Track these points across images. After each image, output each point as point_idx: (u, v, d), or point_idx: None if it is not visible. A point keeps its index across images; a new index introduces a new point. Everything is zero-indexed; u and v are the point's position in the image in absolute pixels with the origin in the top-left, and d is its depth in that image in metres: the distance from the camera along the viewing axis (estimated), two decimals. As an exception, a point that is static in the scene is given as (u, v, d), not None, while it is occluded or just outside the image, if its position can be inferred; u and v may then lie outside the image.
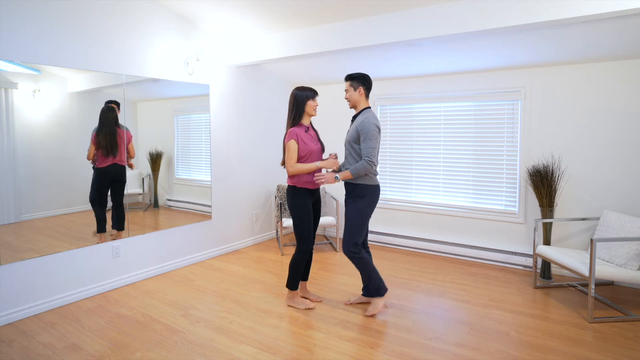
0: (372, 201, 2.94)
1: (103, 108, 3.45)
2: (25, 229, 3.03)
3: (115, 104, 3.51)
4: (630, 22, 2.89)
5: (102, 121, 3.44)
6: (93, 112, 3.38)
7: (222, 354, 2.52)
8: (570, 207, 3.82)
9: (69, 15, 3.17)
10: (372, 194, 2.93)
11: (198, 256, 4.31)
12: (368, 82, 2.96)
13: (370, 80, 2.98)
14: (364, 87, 2.94)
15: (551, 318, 2.99)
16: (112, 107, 3.48)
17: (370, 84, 2.98)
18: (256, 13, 3.67)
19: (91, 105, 3.36)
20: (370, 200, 2.93)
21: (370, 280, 2.98)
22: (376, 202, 2.98)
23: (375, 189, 2.95)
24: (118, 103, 3.53)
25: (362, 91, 2.93)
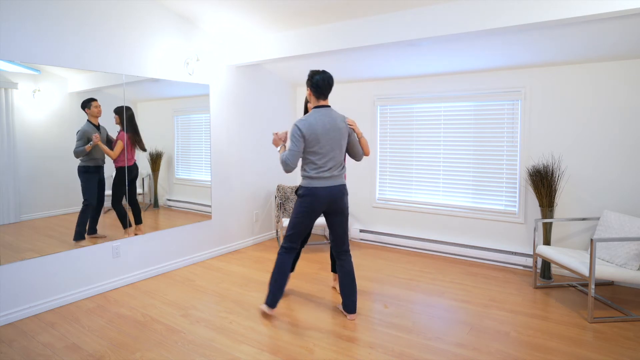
0: (305, 204, 2.83)
1: (120, 108, 3.55)
2: (25, 229, 3.03)
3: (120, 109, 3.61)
4: (630, 22, 2.90)
5: (129, 120, 3.60)
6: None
7: (222, 354, 2.52)
8: (570, 207, 3.82)
9: (69, 15, 3.17)
10: (306, 196, 2.82)
11: (198, 256, 4.31)
12: (311, 81, 2.81)
13: (314, 78, 2.80)
14: (311, 87, 2.84)
15: (551, 318, 2.99)
16: (129, 107, 3.60)
17: (322, 83, 2.79)
18: (256, 13, 3.67)
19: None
20: (304, 202, 2.83)
21: (269, 285, 2.96)
22: (311, 204, 2.82)
23: (309, 191, 2.80)
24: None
25: (309, 91, 2.86)
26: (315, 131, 2.75)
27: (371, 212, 5.02)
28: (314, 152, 2.79)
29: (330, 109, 2.86)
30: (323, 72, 2.83)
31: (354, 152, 2.98)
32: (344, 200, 2.89)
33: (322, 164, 2.80)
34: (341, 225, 2.94)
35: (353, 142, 2.94)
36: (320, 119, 2.78)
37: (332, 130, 2.79)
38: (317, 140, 2.76)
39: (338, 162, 2.85)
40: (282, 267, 2.93)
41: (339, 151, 2.84)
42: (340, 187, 2.86)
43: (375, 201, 4.97)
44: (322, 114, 2.80)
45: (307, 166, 2.84)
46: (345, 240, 2.98)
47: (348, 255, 2.99)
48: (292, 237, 2.93)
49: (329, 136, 2.79)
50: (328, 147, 2.79)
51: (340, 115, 2.87)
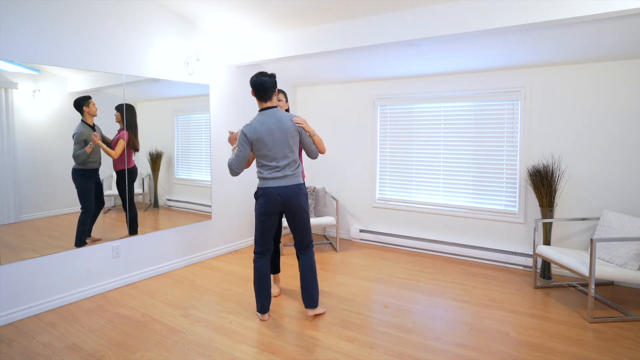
0: (260, 204, 2.86)
1: (122, 106, 3.51)
2: (25, 229, 3.03)
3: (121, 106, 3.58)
4: (630, 22, 2.90)
5: (131, 120, 3.56)
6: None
7: (222, 354, 2.52)
8: (570, 207, 3.82)
9: (69, 15, 3.17)
10: (260, 197, 2.86)
11: (198, 256, 4.31)
12: (253, 85, 2.84)
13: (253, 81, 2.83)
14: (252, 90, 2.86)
15: (551, 318, 2.99)
16: (132, 106, 3.55)
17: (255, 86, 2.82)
18: (256, 13, 3.67)
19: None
20: (259, 203, 2.87)
21: (255, 293, 2.98)
22: (266, 205, 2.84)
23: (262, 192, 2.85)
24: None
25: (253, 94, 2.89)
26: (260, 134, 2.78)
27: (371, 212, 5.02)
28: (263, 155, 2.82)
29: (275, 109, 2.85)
30: (257, 75, 2.83)
31: (307, 151, 2.97)
32: (299, 199, 2.88)
33: (274, 165, 2.83)
34: (300, 224, 2.95)
35: (305, 141, 2.91)
36: (264, 122, 2.80)
37: (277, 131, 2.80)
38: (264, 142, 2.79)
39: (290, 162, 2.85)
40: (260, 273, 2.93)
41: (288, 151, 2.84)
42: (294, 187, 2.87)
43: (375, 201, 4.97)
44: (267, 116, 2.82)
45: (261, 168, 2.88)
46: (305, 237, 2.99)
47: (309, 250, 3.01)
48: (258, 240, 2.95)
49: (275, 137, 2.79)
50: (276, 147, 2.81)
51: (287, 115, 2.87)
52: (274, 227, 2.95)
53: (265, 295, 2.95)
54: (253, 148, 2.83)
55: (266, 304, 2.96)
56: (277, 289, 3.44)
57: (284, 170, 2.84)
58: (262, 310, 2.96)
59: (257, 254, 2.96)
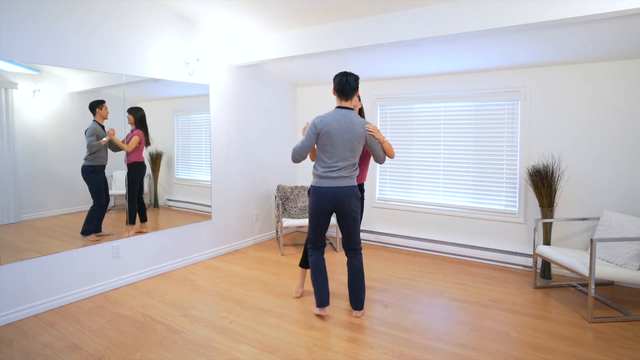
0: (312, 203, 2.92)
1: (134, 109, 3.66)
2: (25, 229, 3.03)
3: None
4: (630, 22, 2.90)
5: (141, 119, 3.73)
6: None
7: (222, 354, 2.52)
8: (570, 207, 3.82)
9: (69, 15, 3.17)
10: (313, 195, 2.92)
11: (198, 256, 4.31)
12: (334, 81, 2.92)
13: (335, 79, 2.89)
14: (334, 88, 2.92)
15: (551, 318, 2.99)
16: (141, 108, 3.73)
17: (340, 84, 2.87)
18: (256, 13, 3.67)
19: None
20: (312, 201, 2.93)
21: (313, 287, 3.01)
22: (317, 204, 2.89)
23: (314, 190, 2.90)
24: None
25: (334, 91, 2.94)
26: (330, 129, 2.81)
27: (371, 212, 5.02)
28: (325, 150, 2.85)
29: (351, 112, 2.89)
30: (343, 74, 2.88)
31: (375, 156, 3.01)
32: (351, 201, 2.89)
33: (332, 163, 2.86)
34: (349, 226, 2.96)
35: (373, 146, 2.94)
36: (337, 119, 2.83)
37: (347, 132, 2.82)
38: (330, 138, 2.82)
39: (349, 164, 2.88)
40: (316, 266, 2.98)
41: (350, 154, 2.87)
42: (347, 189, 2.88)
43: (375, 201, 4.97)
44: (341, 114, 2.86)
45: (317, 163, 2.92)
46: (354, 239, 3.01)
47: (357, 253, 3.03)
48: (310, 236, 3.04)
49: (343, 137, 2.82)
50: (340, 147, 2.83)
51: (360, 120, 2.89)
52: (327, 225, 3.01)
53: (323, 288, 2.95)
54: (318, 140, 2.86)
55: (326, 296, 2.95)
56: (301, 290, 3.39)
57: (339, 171, 2.87)
58: (321, 304, 2.94)
59: (310, 249, 3.03)
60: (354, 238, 3.00)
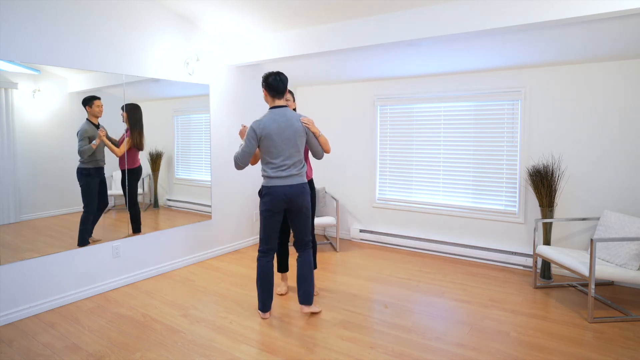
0: (265, 203, 2.87)
1: (129, 105, 3.54)
2: (25, 229, 3.03)
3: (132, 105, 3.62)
4: (630, 22, 2.90)
5: (137, 118, 3.57)
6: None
7: (222, 354, 2.52)
8: (570, 207, 3.82)
9: (69, 15, 3.17)
10: (265, 195, 2.87)
11: (198, 256, 4.31)
12: (266, 82, 2.89)
13: (268, 79, 2.87)
14: (266, 89, 2.90)
15: (551, 318, 2.99)
16: (138, 106, 3.56)
17: (271, 83, 2.86)
18: (256, 13, 3.67)
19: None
20: (264, 201, 2.88)
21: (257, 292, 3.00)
22: (270, 204, 2.86)
23: (267, 190, 2.86)
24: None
25: (265, 92, 2.92)
26: (269, 132, 2.80)
27: (371, 212, 5.02)
28: (270, 152, 2.84)
29: (285, 108, 2.89)
30: (277, 73, 2.89)
31: (313, 151, 3.01)
32: (304, 198, 2.91)
33: (279, 163, 2.85)
34: (301, 222, 2.97)
35: (311, 141, 2.96)
36: (274, 119, 2.82)
37: (286, 130, 2.82)
38: (272, 140, 2.81)
39: (296, 161, 2.88)
40: (263, 271, 2.94)
41: (295, 150, 2.87)
42: (299, 186, 2.89)
43: (375, 201, 4.97)
44: (277, 114, 2.85)
45: (266, 166, 2.89)
46: (305, 234, 3.01)
47: (308, 247, 3.03)
48: (264, 239, 2.96)
49: (284, 136, 2.82)
50: (283, 146, 2.83)
51: (295, 115, 2.90)
52: (279, 226, 2.97)
53: (268, 295, 2.96)
54: (260, 144, 2.85)
55: (268, 303, 2.97)
56: (285, 287, 3.45)
57: (289, 170, 2.86)
58: (264, 309, 2.97)
59: (261, 252, 2.96)
60: (306, 234, 3.01)
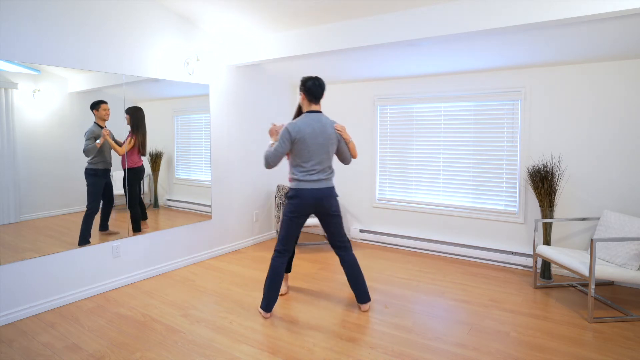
0: (293, 205, 2.89)
1: (132, 108, 3.60)
2: (25, 229, 3.03)
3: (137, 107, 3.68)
4: (630, 22, 2.90)
5: (139, 121, 3.64)
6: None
7: (222, 354, 2.52)
8: (570, 207, 3.82)
9: (69, 15, 3.17)
10: (294, 198, 2.89)
11: (198, 256, 4.31)
12: (305, 86, 2.91)
13: (307, 84, 2.89)
14: (304, 92, 2.92)
15: (551, 318, 2.99)
16: (141, 109, 3.65)
17: (311, 88, 2.88)
18: (256, 13, 3.67)
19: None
20: (292, 204, 2.90)
21: (264, 290, 2.99)
22: (298, 206, 2.88)
23: (297, 193, 2.88)
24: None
25: (303, 96, 2.94)
26: (304, 135, 2.82)
27: (371, 212, 5.02)
28: (302, 156, 2.86)
29: (321, 114, 2.92)
30: (316, 78, 2.92)
31: (342, 157, 3.06)
32: (331, 202, 2.95)
33: (310, 167, 2.87)
34: (332, 225, 3.02)
35: (341, 147, 3.01)
36: (310, 124, 2.84)
37: (320, 136, 2.85)
38: (305, 144, 2.83)
39: (325, 167, 2.92)
40: (276, 271, 2.96)
41: (326, 156, 2.91)
42: (327, 190, 2.93)
43: (375, 201, 4.97)
44: (313, 119, 2.87)
45: (295, 169, 2.91)
46: (339, 237, 3.06)
47: (347, 249, 3.07)
48: (284, 240, 2.98)
49: (317, 141, 2.85)
50: (316, 151, 2.86)
51: (330, 121, 2.93)
52: (300, 229, 3.01)
53: (275, 295, 2.97)
54: (293, 147, 2.86)
55: (272, 303, 2.98)
56: (286, 287, 3.46)
57: (318, 174, 2.89)
58: (267, 309, 2.97)
59: (277, 252, 2.99)
60: (341, 236, 3.06)
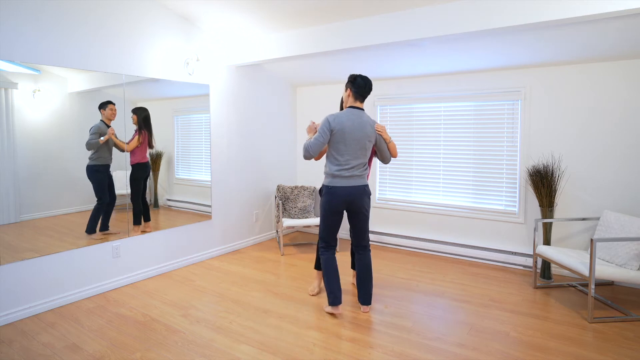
0: (326, 202, 2.94)
1: (138, 109, 3.68)
2: (25, 229, 3.03)
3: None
4: (630, 22, 2.89)
5: (146, 119, 3.74)
6: (93, 112, 3.38)
7: (222, 354, 2.52)
8: (570, 207, 3.82)
9: (69, 15, 3.17)
10: (326, 194, 2.95)
11: (198, 256, 4.31)
12: (353, 82, 2.94)
13: (356, 80, 2.93)
14: (352, 88, 2.94)
15: (551, 318, 2.99)
16: (146, 109, 3.74)
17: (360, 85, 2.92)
18: (256, 13, 3.67)
19: (91, 105, 3.36)
20: (325, 201, 2.95)
21: (325, 287, 3.01)
22: (331, 203, 2.92)
23: (329, 190, 2.93)
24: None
25: (349, 92, 2.97)
26: (343, 128, 2.86)
27: (371, 212, 5.01)
28: (338, 149, 2.90)
29: (362, 112, 2.97)
30: (366, 77, 2.98)
31: (382, 156, 3.11)
32: (364, 200, 2.98)
33: (344, 161, 2.90)
34: (360, 223, 3.05)
35: (380, 147, 3.05)
36: (351, 118, 2.89)
37: (359, 131, 2.89)
38: (343, 137, 2.87)
39: (360, 163, 2.94)
40: (328, 266, 3.00)
41: (362, 153, 2.93)
42: (360, 188, 2.96)
43: (376, 201, 4.97)
44: (354, 114, 2.92)
45: (330, 162, 2.95)
46: (364, 237, 3.10)
47: (367, 250, 3.11)
48: (323, 235, 3.04)
49: (355, 136, 2.88)
50: (352, 146, 2.89)
51: (370, 120, 2.97)
52: (339, 224, 3.05)
53: (335, 286, 2.96)
54: (331, 138, 2.89)
55: (339, 295, 2.96)
56: (317, 289, 3.43)
57: (352, 170, 2.92)
58: (335, 302, 2.95)
59: (322, 248, 3.05)
60: (365, 235, 3.09)
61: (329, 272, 2.99)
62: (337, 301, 2.95)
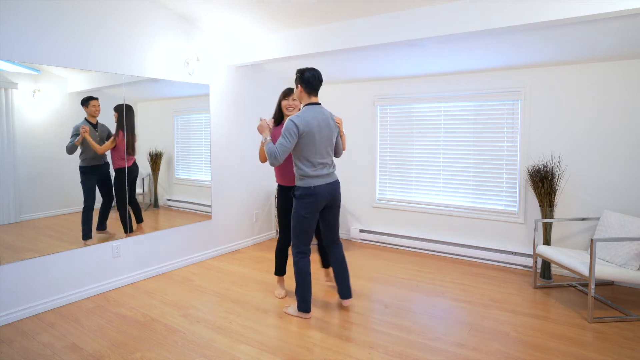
0: (307, 204, 2.79)
1: (120, 106, 3.53)
2: (25, 229, 3.03)
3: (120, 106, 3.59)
4: (630, 22, 2.89)
5: (127, 119, 3.58)
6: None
7: (222, 354, 2.52)
8: (570, 207, 3.82)
9: (69, 15, 3.17)
10: (308, 196, 2.79)
11: (198, 256, 4.31)
12: (302, 78, 2.79)
13: (305, 75, 2.78)
14: (302, 84, 2.82)
15: (551, 318, 2.99)
16: (130, 107, 3.58)
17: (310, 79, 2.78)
18: (256, 13, 3.67)
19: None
20: (307, 203, 2.79)
21: (296, 291, 2.96)
22: (314, 204, 2.80)
23: (311, 191, 2.78)
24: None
25: (300, 89, 2.83)
26: (312, 129, 2.74)
27: (371, 212, 5.02)
28: (310, 150, 2.76)
29: (321, 106, 2.87)
30: (313, 69, 2.83)
31: (336, 150, 3.04)
32: (339, 195, 2.99)
33: (319, 162, 2.82)
34: (335, 219, 3.03)
35: (337, 140, 3.01)
36: (315, 117, 2.77)
37: (325, 128, 2.81)
38: (313, 137, 2.75)
39: (330, 160, 2.91)
40: (301, 272, 2.91)
41: (330, 149, 2.90)
42: (337, 182, 2.96)
43: (375, 201, 4.97)
44: (315, 111, 2.80)
45: (303, 164, 2.79)
46: (337, 232, 3.08)
47: (338, 244, 3.09)
48: (304, 240, 2.90)
49: (323, 134, 2.80)
50: (323, 144, 2.82)
51: (330, 114, 2.92)
52: (315, 225, 2.95)
53: (306, 293, 2.94)
54: (300, 141, 2.73)
55: (309, 301, 2.96)
56: (284, 291, 3.40)
57: (328, 168, 2.87)
58: (307, 309, 2.95)
59: (301, 253, 2.91)
60: (337, 230, 3.08)
61: (306, 280, 2.91)
62: (309, 308, 2.96)
